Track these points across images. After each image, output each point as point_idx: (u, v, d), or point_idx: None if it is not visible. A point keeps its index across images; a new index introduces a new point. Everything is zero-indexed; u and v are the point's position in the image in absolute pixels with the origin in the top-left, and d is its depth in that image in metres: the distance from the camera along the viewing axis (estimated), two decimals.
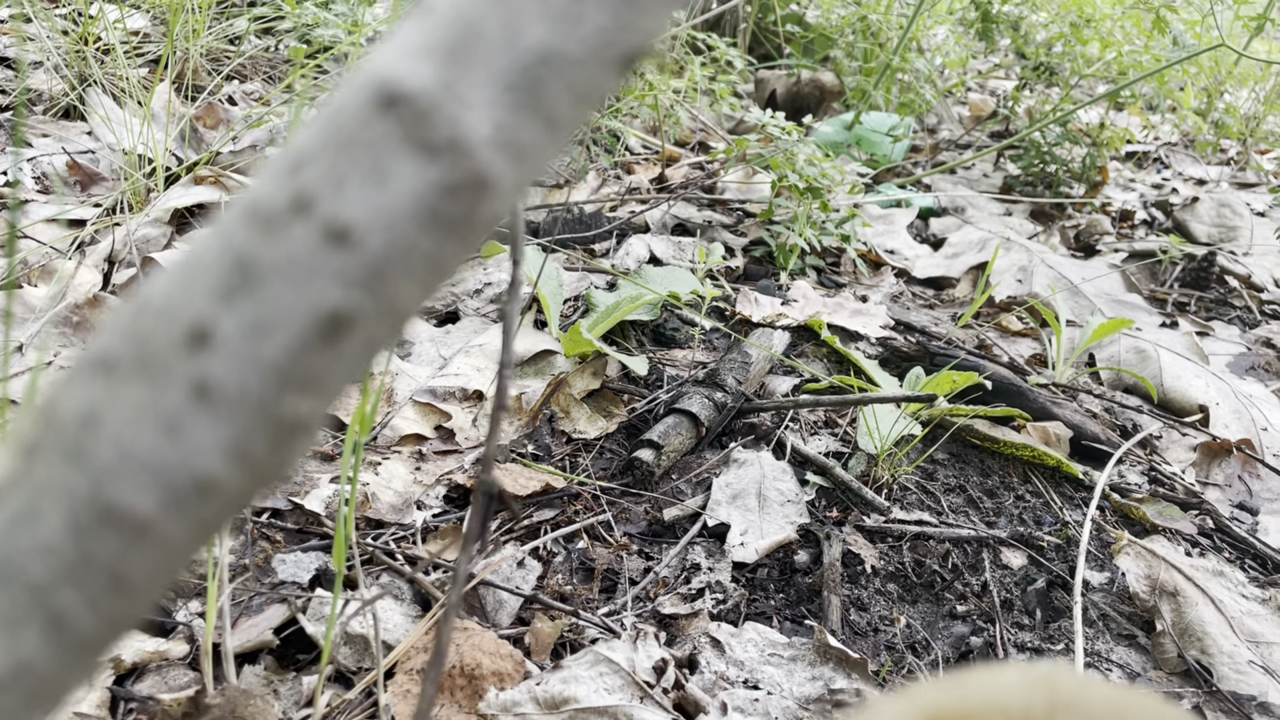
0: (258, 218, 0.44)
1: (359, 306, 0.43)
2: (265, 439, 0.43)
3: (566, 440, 2.16)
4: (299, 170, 0.44)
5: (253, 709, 1.52)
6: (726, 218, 3.24)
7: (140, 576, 0.43)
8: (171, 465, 0.42)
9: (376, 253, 0.43)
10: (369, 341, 0.46)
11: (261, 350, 0.42)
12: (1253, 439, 2.44)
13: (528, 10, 0.43)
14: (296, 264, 0.43)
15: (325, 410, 0.47)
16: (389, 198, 0.43)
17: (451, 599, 1.13)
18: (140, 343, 0.44)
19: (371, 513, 1.89)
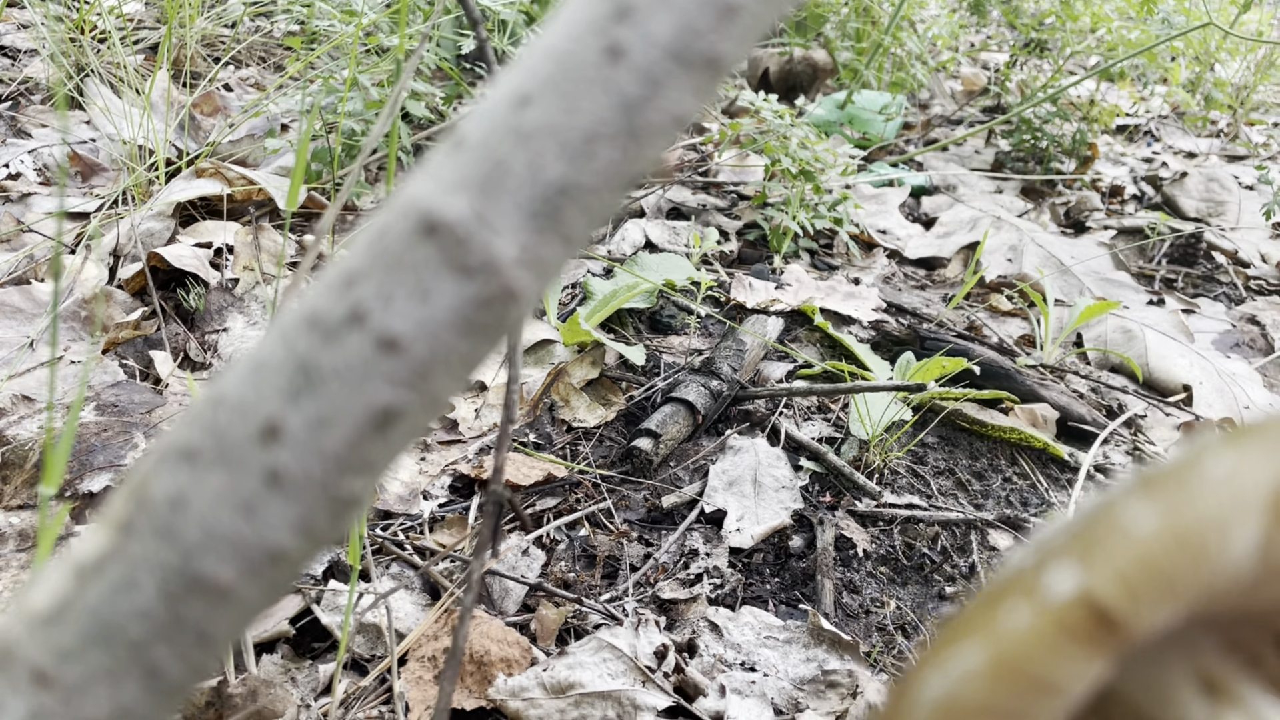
0: (317, 328, 0.51)
1: (406, 402, 0.50)
2: (326, 515, 0.51)
3: (567, 429, 2.23)
4: (351, 286, 0.51)
5: (272, 697, 1.59)
6: (721, 201, 3.28)
7: (221, 632, 0.51)
8: (248, 540, 0.50)
9: (421, 357, 0.50)
10: (413, 429, 0.53)
11: (324, 442, 0.50)
12: (1235, 417, 2.51)
13: (548, 150, 0.50)
14: (352, 369, 0.50)
15: (375, 485, 0.54)
16: (431, 311, 0.50)
17: (467, 602, 1.19)
18: (218, 436, 0.51)
19: (379, 504, 1.95)
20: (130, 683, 0.49)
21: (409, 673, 1.66)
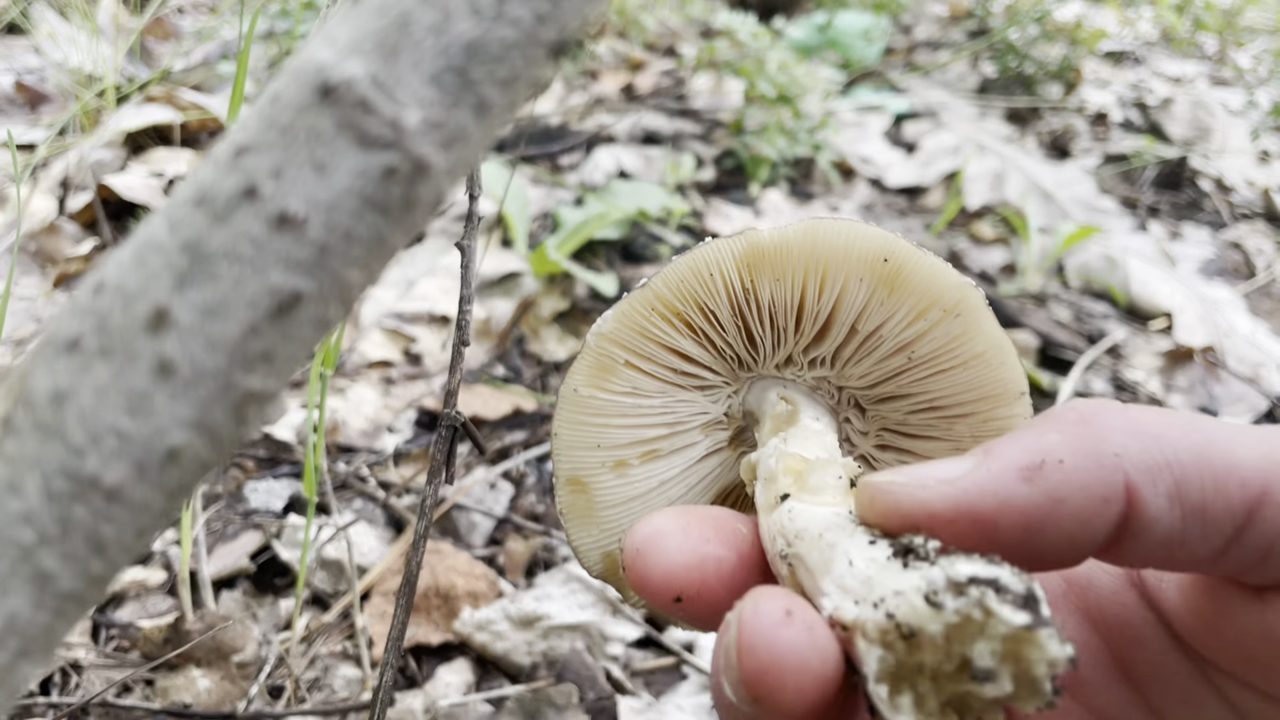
0: (205, 206, 0.45)
1: (307, 288, 0.44)
2: (224, 411, 0.45)
3: (536, 362, 2.16)
4: (241, 159, 0.44)
5: (232, 633, 1.54)
6: (697, 127, 3.18)
7: (116, 538, 0.45)
8: (138, 438, 0.45)
9: (320, 238, 0.44)
10: (318, 320, 0.46)
11: (216, 331, 0.44)
12: (1216, 343, 2.47)
13: (456, 5, 0.44)
14: (244, 250, 0.44)
15: (281, 383, 0.47)
16: (329, 186, 0.44)
17: (420, 528, 1.14)
18: (102, 325, 0.45)
19: (342, 439, 1.89)
20: (17, 590, 0.44)
21: (373, 607, 1.62)
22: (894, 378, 0.78)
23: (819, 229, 0.71)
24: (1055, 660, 0.51)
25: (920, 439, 0.82)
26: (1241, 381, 2.36)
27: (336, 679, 1.52)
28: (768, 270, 0.73)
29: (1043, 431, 0.57)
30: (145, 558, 1.68)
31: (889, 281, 0.71)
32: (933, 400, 0.78)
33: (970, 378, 0.74)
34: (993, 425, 0.77)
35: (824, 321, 0.76)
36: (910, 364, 0.76)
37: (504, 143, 2.82)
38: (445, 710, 1.48)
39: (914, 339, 0.74)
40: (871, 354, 0.77)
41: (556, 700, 1.49)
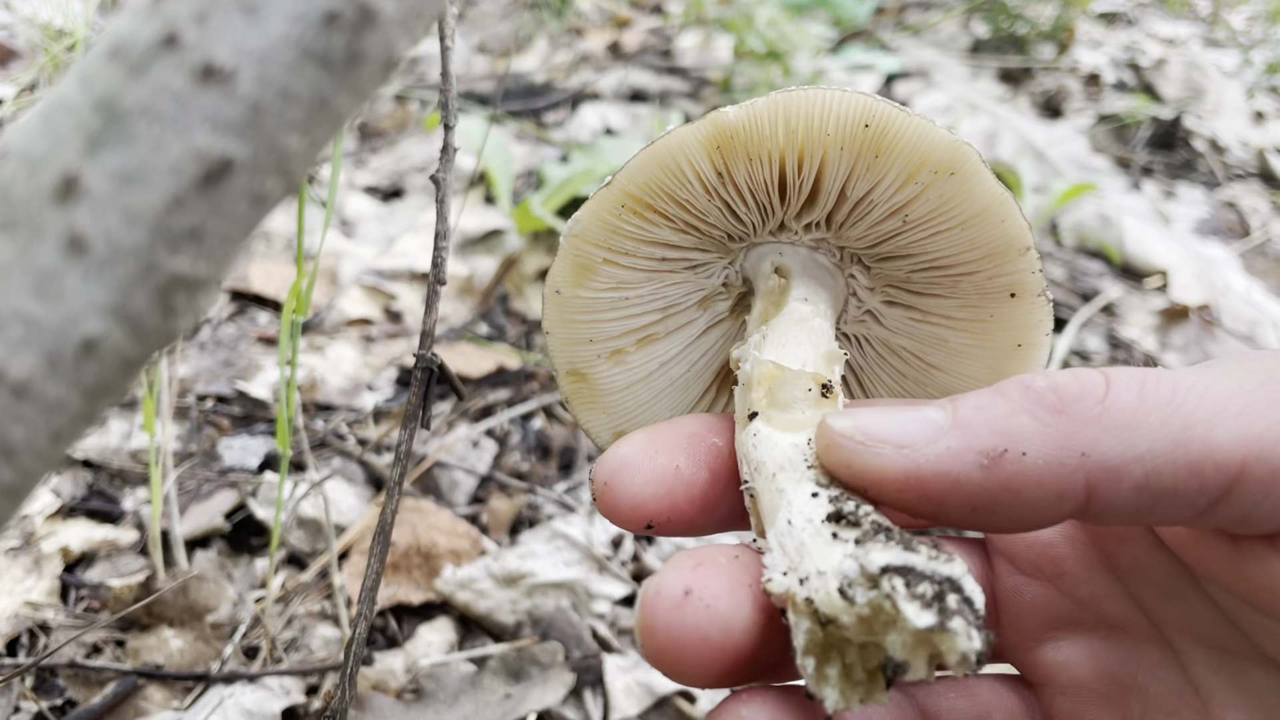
0: (121, 59, 0.39)
1: (237, 153, 0.38)
2: (148, 298, 0.39)
3: (521, 320, 2.11)
4: (162, 2, 0.39)
5: (205, 592, 1.50)
6: (685, 85, 3.12)
7: (27, 441, 0.40)
8: (47, 324, 0.39)
9: (251, 93, 0.38)
10: (254, 194, 0.41)
11: (134, 200, 0.38)
12: (1212, 302, 2.44)
13: None
14: (164, 107, 0.39)
15: (215, 269, 0.42)
16: (260, 32, 0.38)
17: (394, 476, 1.09)
18: (3, 194, 0.40)
19: (320, 396, 1.84)
20: None
21: (352, 566, 1.57)
22: (892, 238, 0.74)
23: (790, 101, 0.66)
24: (966, 655, 0.51)
25: (926, 296, 0.79)
26: (1237, 339, 2.33)
27: (314, 639, 1.48)
28: (740, 152, 0.69)
29: (1015, 410, 0.56)
30: (116, 516, 1.63)
31: (873, 147, 0.67)
32: (934, 260, 0.75)
33: (971, 236, 0.72)
34: (999, 281, 0.75)
35: (810, 191, 0.73)
36: (906, 226, 0.73)
37: (487, 98, 2.75)
38: (426, 670, 1.44)
39: (906, 202, 0.70)
40: (865, 218, 0.73)
41: (541, 659, 1.45)
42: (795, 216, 0.75)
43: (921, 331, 0.82)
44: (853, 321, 0.84)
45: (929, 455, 0.55)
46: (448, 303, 2.09)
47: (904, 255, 0.76)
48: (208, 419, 1.79)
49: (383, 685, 1.43)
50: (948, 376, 0.83)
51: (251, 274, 2.06)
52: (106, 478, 1.69)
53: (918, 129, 0.65)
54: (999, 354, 0.79)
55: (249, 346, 1.94)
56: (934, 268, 0.76)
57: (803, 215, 0.75)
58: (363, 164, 2.54)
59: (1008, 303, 0.74)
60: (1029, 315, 0.76)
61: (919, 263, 0.76)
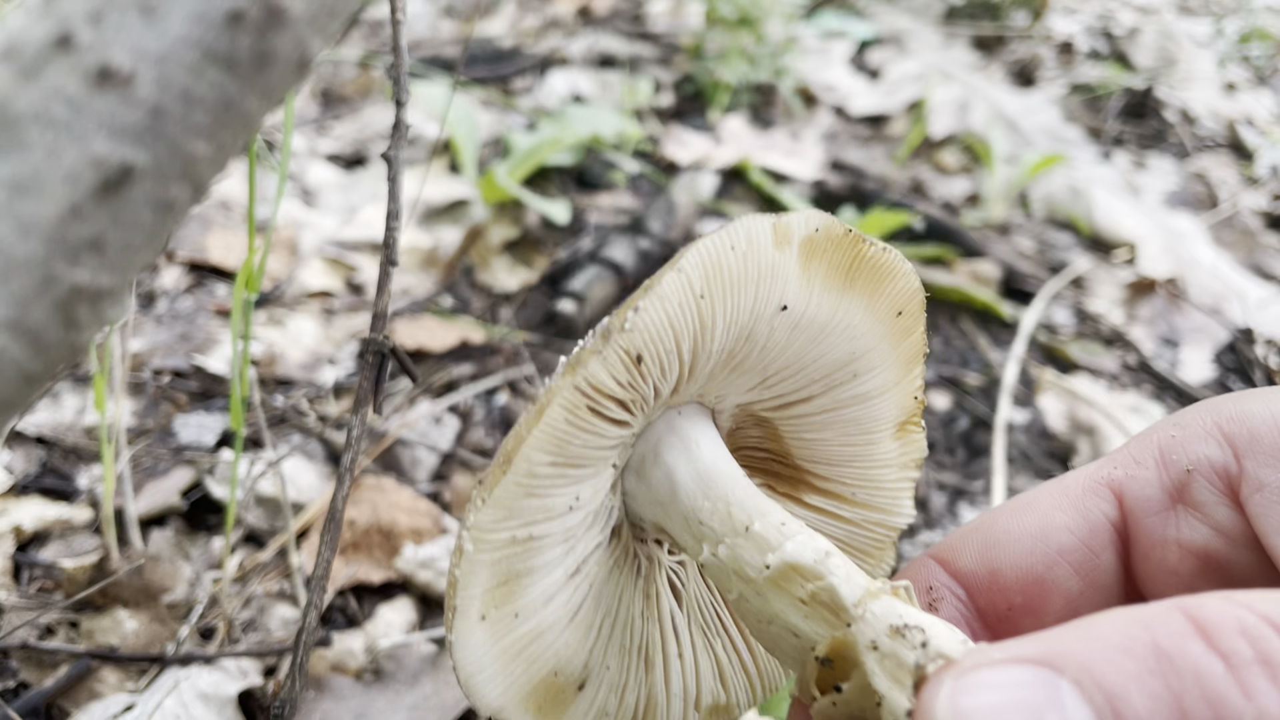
0: (11, 59, 0.36)
1: (138, 160, 0.36)
2: (47, 311, 0.37)
3: (486, 293, 2.08)
4: (56, 1, 0.36)
5: (161, 572, 1.48)
6: (655, 51, 3.07)
7: None
8: None
9: (151, 97, 0.36)
10: (158, 202, 0.38)
11: (29, 211, 0.36)
12: (1179, 275, 2.44)
13: None
14: (59, 112, 0.36)
15: (120, 279, 0.39)
16: (159, 32, 0.36)
17: (345, 462, 1.07)
18: None
19: (280, 371, 1.81)
20: None
21: (311, 545, 1.55)
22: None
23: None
24: None
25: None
26: (1203, 313, 2.34)
27: (273, 619, 1.46)
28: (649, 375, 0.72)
29: (1141, 677, 0.45)
30: (70, 494, 1.60)
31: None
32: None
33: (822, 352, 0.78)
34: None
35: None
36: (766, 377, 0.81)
37: (451, 63, 2.70)
38: (386, 650, 1.43)
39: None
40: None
41: None
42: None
43: (815, 404, 0.82)
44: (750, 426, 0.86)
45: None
46: (410, 275, 2.06)
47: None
48: (164, 394, 1.76)
49: (341, 666, 1.42)
50: (862, 404, 0.83)
51: (210, 245, 2.02)
52: (60, 454, 1.66)
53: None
54: (890, 338, 0.78)
55: (207, 320, 1.90)
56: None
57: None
58: (325, 131, 2.49)
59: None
60: (897, 293, 0.78)
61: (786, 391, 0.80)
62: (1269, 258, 2.63)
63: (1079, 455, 1.85)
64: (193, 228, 2.06)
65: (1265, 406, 0.66)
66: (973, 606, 0.75)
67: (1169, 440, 0.70)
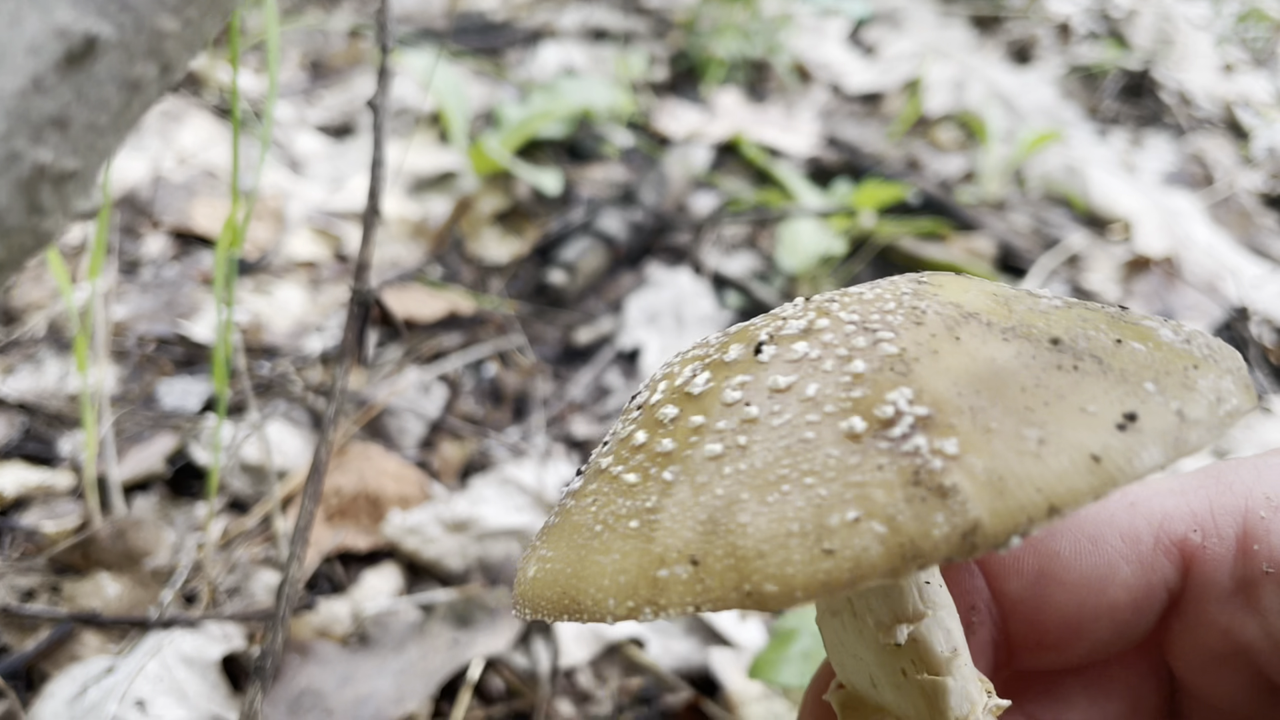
0: None
1: (103, 32, 0.34)
2: (10, 191, 0.35)
3: (476, 264, 2.06)
4: None
5: (143, 537, 1.46)
6: (649, 25, 3.04)
7: None
8: None
9: None
10: (124, 79, 0.36)
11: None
12: (1175, 253, 2.43)
13: None
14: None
15: (86, 162, 0.37)
16: None
17: (329, 413, 1.05)
18: None
19: (266, 339, 1.79)
20: None
21: (296, 512, 1.53)
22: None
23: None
24: None
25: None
26: (1198, 291, 2.33)
27: (257, 585, 1.44)
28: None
29: None
30: (52, 460, 1.58)
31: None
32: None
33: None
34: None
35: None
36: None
37: (442, 36, 2.67)
38: (372, 616, 1.41)
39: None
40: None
41: (489, 604, 1.43)
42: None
43: None
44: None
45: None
46: (399, 244, 2.03)
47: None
48: (148, 361, 1.73)
49: (327, 631, 1.41)
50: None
51: (195, 213, 1.99)
52: (43, 420, 1.64)
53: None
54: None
55: (192, 288, 1.88)
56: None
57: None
58: (314, 101, 2.46)
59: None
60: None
61: None
62: (1265, 237, 2.62)
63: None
64: (178, 196, 2.03)
65: None
66: (1004, 629, 0.73)
67: (1257, 521, 0.66)
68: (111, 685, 1.22)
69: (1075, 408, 0.49)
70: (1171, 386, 0.51)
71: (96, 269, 1.30)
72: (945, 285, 0.60)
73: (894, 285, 0.60)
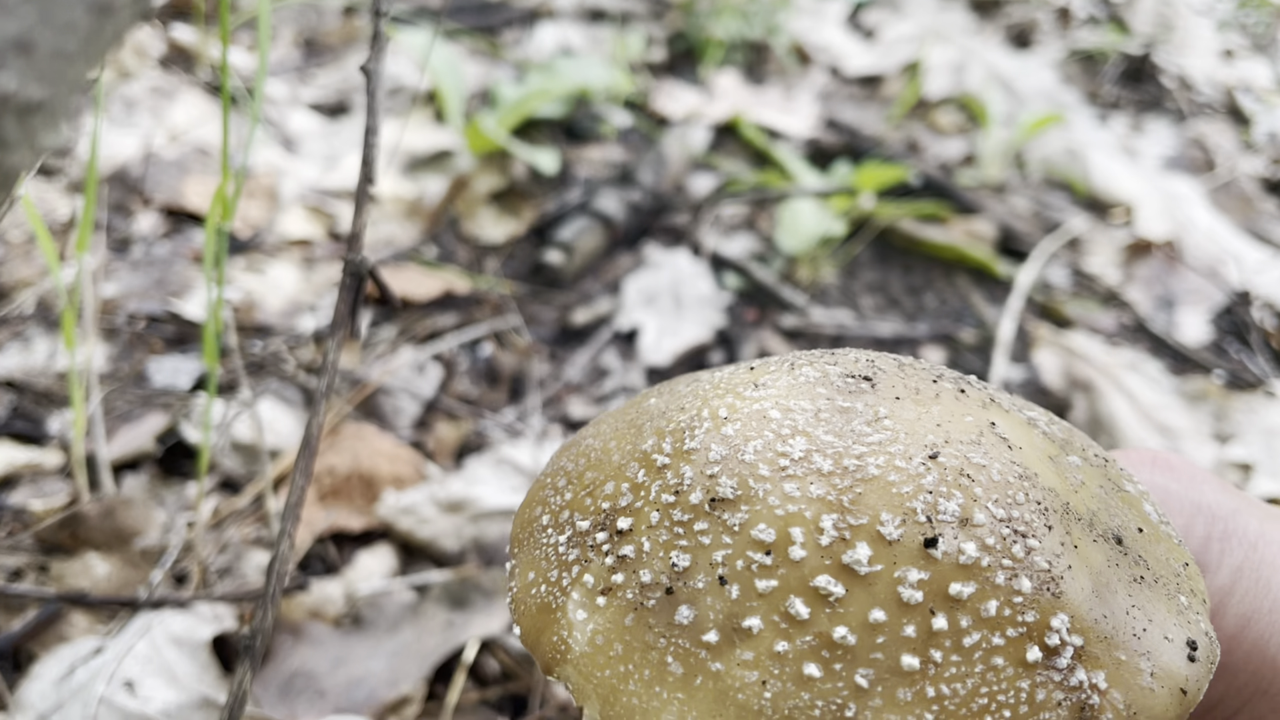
0: None
1: None
2: None
3: (472, 244, 2.03)
4: None
5: (133, 516, 1.43)
6: (647, 6, 3.01)
7: None
8: None
9: None
10: (95, 2, 0.34)
11: None
12: (1176, 237, 2.41)
13: None
14: None
15: (53, 92, 0.35)
16: None
17: (321, 387, 1.03)
18: None
19: (259, 318, 1.76)
20: None
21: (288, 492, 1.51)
22: None
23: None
24: None
25: None
26: (1200, 275, 2.31)
27: (248, 565, 1.42)
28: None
29: None
30: (40, 439, 1.55)
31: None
32: None
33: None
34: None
35: None
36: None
37: (438, 12, 2.63)
38: (366, 597, 1.39)
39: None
40: None
41: (484, 585, 1.41)
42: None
43: None
44: None
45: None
46: (393, 224, 2.01)
47: None
48: (139, 339, 1.71)
49: (320, 613, 1.38)
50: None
51: (187, 191, 1.96)
52: (31, 399, 1.61)
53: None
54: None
55: (184, 266, 1.85)
56: None
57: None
58: (308, 79, 2.43)
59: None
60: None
61: None
62: (1266, 222, 2.60)
63: (1073, 410, 1.82)
64: (170, 173, 2.00)
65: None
66: None
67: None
68: (100, 666, 1.20)
69: (1161, 635, 0.56)
70: (1194, 603, 0.59)
71: (84, 243, 1.27)
72: (1020, 444, 0.62)
73: (1004, 457, 0.60)
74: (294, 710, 1.26)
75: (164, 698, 1.18)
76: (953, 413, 0.61)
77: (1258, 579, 0.62)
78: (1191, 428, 1.81)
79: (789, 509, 0.55)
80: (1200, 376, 1.94)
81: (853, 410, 0.60)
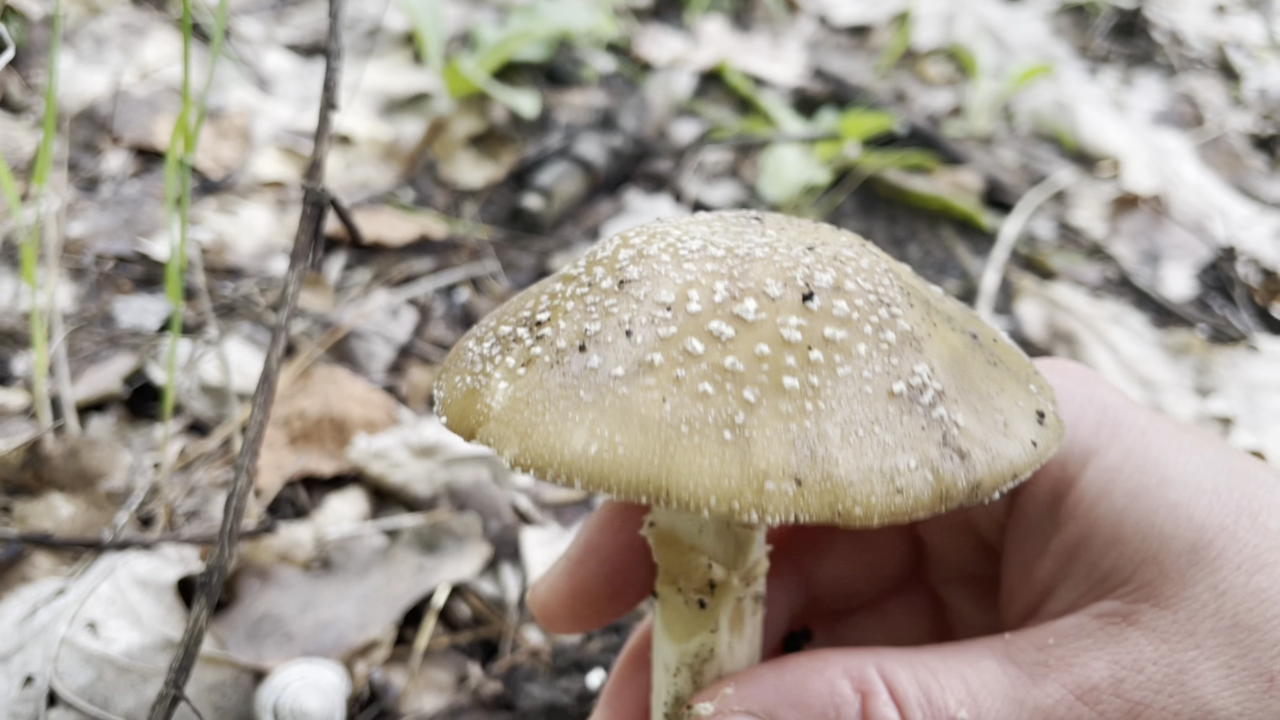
0: None
1: None
2: None
3: (449, 188, 1.99)
4: None
5: (98, 458, 1.41)
6: None
7: None
8: None
9: None
10: None
11: None
12: (1163, 192, 2.39)
13: None
14: None
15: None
16: None
17: (280, 320, 1.00)
18: None
19: (231, 260, 1.73)
20: None
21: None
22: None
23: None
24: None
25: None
26: (1186, 230, 2.29)
27: (216, 508, 1.40)
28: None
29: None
30: (4, 379, 1.52)
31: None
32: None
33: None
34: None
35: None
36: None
37: None
38: (335, 541, 1.37)
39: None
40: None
41: (456, 530, 1.39)
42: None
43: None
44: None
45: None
46: (369, 166, 1.96)
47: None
48: (106, 279, 1.67)
49: (289, 556, 1.37)
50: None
51: (157, 130, 1.91)
52: None
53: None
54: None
55: (153, 205, 1.81)
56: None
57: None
58: (284, 19, 2.37)
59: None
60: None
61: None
62: (1254, 178, 2.58)
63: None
64: (140, 112, 1.95)
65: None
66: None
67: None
68: (62, 607, 1.18)
69: (1013, 401, 0.65)
70: (1043, 393, 0.68)
71: (43, 175, 1.23)
72: (892, 263, 0.71)
73: (872, 257, 0.69)
74: (261, 653, 1.24)
75: (127, 639, 1.17)
76: (833, 235, 0.70)
77: (1145, 459, 0.68)
78: (1173, 381, 1.80)
79: (687, 278, 0.63)
80: (1183, 330, 1.92)
81: (744, 233, 0.69)
